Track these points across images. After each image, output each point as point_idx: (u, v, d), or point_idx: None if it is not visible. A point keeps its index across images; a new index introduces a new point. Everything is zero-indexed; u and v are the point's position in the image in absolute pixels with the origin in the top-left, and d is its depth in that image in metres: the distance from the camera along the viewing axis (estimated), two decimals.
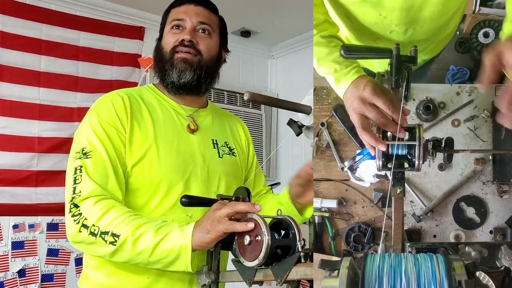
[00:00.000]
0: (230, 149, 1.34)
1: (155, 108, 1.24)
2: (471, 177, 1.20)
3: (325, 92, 1.24)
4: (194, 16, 1.25)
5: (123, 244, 1.00)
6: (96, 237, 1.02)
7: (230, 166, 1.31)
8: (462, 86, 1.23)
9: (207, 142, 1.28)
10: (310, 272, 0.89)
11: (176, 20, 1.26)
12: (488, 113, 1.20)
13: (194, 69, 1.23)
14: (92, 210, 1.04)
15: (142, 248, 1.00)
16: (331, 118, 1.23)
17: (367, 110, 0.90)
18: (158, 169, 1.15)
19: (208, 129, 1.31)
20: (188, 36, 1.23)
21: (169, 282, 1.14)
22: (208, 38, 1.27)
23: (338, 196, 1.22)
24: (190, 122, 1.27)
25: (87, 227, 1.03)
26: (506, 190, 1.19)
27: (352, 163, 1.17)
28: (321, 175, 1.23)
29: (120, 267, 1.13)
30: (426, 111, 1.19)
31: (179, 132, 1.24)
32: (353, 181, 1.21)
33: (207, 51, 1.26)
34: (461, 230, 1.19)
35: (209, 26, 1.27)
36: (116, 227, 1.01)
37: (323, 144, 1.23)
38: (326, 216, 1.21)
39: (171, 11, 1.29)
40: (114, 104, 1.17)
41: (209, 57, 1.26)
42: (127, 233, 1.00)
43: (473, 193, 1.20)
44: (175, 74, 1.22)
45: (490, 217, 1.19)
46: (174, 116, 1.26)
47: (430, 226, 1.20)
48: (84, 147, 1.11)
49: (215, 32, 1.30)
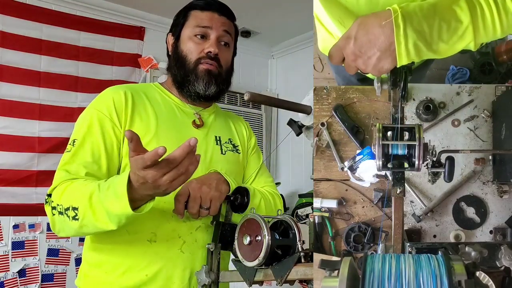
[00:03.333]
0: (234, 145, 1.35)
1: (159, 104, 1.26)
2: (471, 177, 1.20)
3: (325, 92, 1.25)
4: (220, 27, 1.27)
5: (84, 217, 1.01)
6: (63, 215, 1.04)
7: (233, 163, 1.32)
8: (462, 86, 1.23)
9: (210, 138, 1.29)
10: (310, 272, 0.89)
11: (201, 27, 1.26)
12: (488, 113, 1.20)
13: (218, 82, 1.26)
14: (57, 192, 1.07)
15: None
16: (331, 118, 1.23)
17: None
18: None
19: (212, 126, 1.33)
20: (216, 49, 1.24)
21: (167, 279, 1.15)
22: (227, 51, 1.30)
23: (338, 196, 1.23)
24: (196, 118, 1.29)
25: (55, 208, 1.06)
26: (506, 190, 1.19)
27: (352, 163, 1.17)
28: (321, 175, 1.23)
29: (119, 265, 1.14)
30: (426, 111, 1.19)
31: (182, 128, 1.25)
32: (353, 181, 1.21)
33: (226, 63, 1.30)
34: (461, 230, 1.19)
35: (230, 37, 1.30)
36: (74, 200, 1.02)
37: (323, 144, 1.23)
38: (326, 216, 1.22)
39: (193, 13, 1.29)
40: (114, 97, 1.18)
41: (227, 69, 1.30)
42: (84, 204, 1.00)
43: (473, 193, 1.20)
44: (201, 86, 1.24)
45: (490, 217, 1.19)
46: (178, 113, 1.27)
47: (430, 226, 1.20)
48: (75, 139, 1.14)
49: (232, 41, 1.33)
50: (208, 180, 1.14)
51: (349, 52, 0.84)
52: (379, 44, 0.81)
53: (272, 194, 1.35)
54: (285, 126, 1.41)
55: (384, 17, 0.81)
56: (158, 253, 1.15)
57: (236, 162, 1.34)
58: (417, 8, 0.82)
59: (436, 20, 0.81)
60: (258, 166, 1.44)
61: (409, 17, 0.80)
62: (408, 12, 0.81)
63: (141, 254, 1.15)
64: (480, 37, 0.85)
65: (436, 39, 0.82)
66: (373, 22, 0.81)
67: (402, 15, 0.80)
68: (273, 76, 4.03)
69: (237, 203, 1.13)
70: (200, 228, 1.19)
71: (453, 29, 0.83)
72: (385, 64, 0.82)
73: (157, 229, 1.15)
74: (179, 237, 1.17)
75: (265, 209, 1.26)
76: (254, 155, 1.43)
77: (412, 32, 0.80)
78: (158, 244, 1.15)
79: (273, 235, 0.93)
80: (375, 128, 0.91)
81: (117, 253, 1.16)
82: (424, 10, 0.81)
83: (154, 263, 1.14)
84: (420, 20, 0.81)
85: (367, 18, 0.83)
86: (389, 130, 0.86)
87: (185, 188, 1.11)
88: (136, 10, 3.22)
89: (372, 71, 0.84)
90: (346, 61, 0.86)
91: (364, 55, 0.82)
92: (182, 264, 1.16)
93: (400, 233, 0.87)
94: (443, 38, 0.83)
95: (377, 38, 0.81)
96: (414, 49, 0.81)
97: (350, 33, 0.84)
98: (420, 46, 0.81)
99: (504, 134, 1.13)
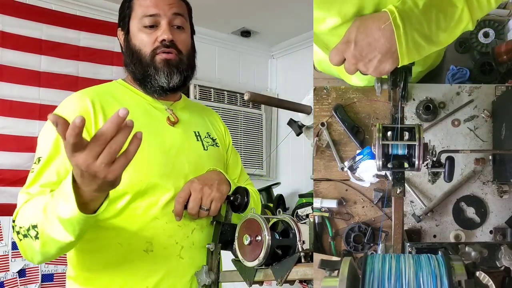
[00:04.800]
0: (213, 139, 1.29)
1: (129, 104, 1.15)
2: (471, 177, 1.20)
3: (325, 92, 1.24)
4: (168, 10, 1.16)
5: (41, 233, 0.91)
6: (27, 237, 0.93)
7: (216, 158, 1.27)
8: (462, 86, 1.23)
9: (189, 135, 1.23)
10: (310, 272, 0.89)
11: (149, 16, 1.15)
12: (488, 113, 1.20)
13: (180, 70, 1.17)
14: (19, 215, 0.98)
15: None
16: (331, 118, 1.23)
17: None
18: (142, 171, 1.08)
19: (188, 121, 1.26)
20: (169, 35, 1.14)
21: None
22: (183, 33, 1.20)
23: (338, 196, 1.22)
24: (169, 115, 1.21)
25: (19, 232, 0.96)
26: (506, 190, 1.19)
27: (352, 163, 1.17)
28: (321, 175, 1.23)
29: (113, 282, 1.09)
30: (426, 111, 1.19)
31: (160, 127, 1.18)
32: (353, 181, 1.21)
33: (185, 47, 1.20)
34: (461, 230, 1.19)
35: (183, 18, 1.20)
36: (32, 217, 0.93)
37: (323, 144, 1.23)
38: (326, 216, 1.21)
39: (136, 2, 1.18)
40: (78, 107, 1.08)
41: (187, 53, 1.21)
42: (40, 218, 0.90)
43: (473, 193, 1.20)
44: (163, 79, 1.15)
45: (490, 217, 1.19)
46: (151, 111, 1.20)
47: (430, 226, 1.20)
48: (40, 157, 1.05)
49: (187, 21, 1.22)
50: (209, 180, 1.12)
51: (349, 55, 0.84)
52: (379, 47, 0.81)
53: (255, 192, 1.34)
54: (285, 126, 1.40)
55: (382, 19, 0.81)
56: (157, 262, 1.10)
57: (218, 157, 1.28)
58: (412, 5, 0.81)
59: (433, 12, 0.81)
60: (237, 164, 1.39)
61: (407, 16, 0.80)
62: (405, 11, 0.81)
63: (138, 266, 1.09)
64: (476, 15, 0.85)
65: (435, 30, 0.82)
66: (372, 25, 0.82)
67: (400, 15, 0.80)
68: (273, 76, 4.02)
69: (237, 203, 1.13)
70: (196, 230, 1.15)
71: (450, 14, 0.83)
72: (386, 65, 0.83)
73: (152, 238, 1.10)
74: (176, 243, 1.12)
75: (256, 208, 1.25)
76: (232, 154, 1.38)
77: (412, 30, 0.80)
78: (156, 253, 1.10)
79: (273, 235, 0.93)
80: (375, 128, 0.91)
81: (110, 270, 1.10)
82: (420, 5, 0.81)
83: (154, 274, 1.10)
84: (418, 17, 0.81)
85: (365, 20, 0.83)
86: (389, 130, 0.86)
87: (186, 188, 1.10)
88: None
89: (373, 73, 0.84)
90: (347, 63, 0.86)
91: (365, 58, 0.83)
92: (183, 270, 1.13)
93: (400, 233, 0.87)
94: (441, 27, 0.83)
95: (377, 41, 0.81)
96: (415, 47, 0.81)
97: (350, 37, 0.83)
98: (421, 42, 0.81)
99: (504, 134, 1.13)
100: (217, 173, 1.16)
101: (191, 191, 1.09)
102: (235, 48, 3.67)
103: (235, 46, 3.68)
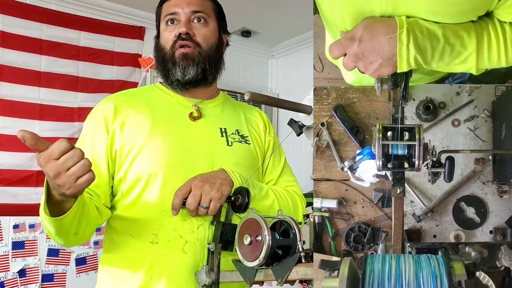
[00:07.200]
0: (243, 136, 1.29)
1: (158, 103, 1.24)
2: (471, 177, 1.20)
3: (325, 92, 1.25)
4: (186, 7, 1.22)
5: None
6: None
7: (241, 155, 1.26)
8: (462, 86, 1.23)
9: (212, 130, 1.25)
10: (310, 272, 0.89)
11: (169, 15, 1.23)
12: (488, 113, 1.20)
13: (196, 63, 1.21)
14: None
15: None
16: (331, 118, 1.23)
17: None
18: (154, 163, 1.14)
19: (216, 117, 1.28)
20: (184, 28, 1.20)
21: (171, 281, 1.13)
22: (204, 27, 1.24)
23: (338, 196, 1.23)
24: (193, 110, 1.25)
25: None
26: (506, 190, 1.19)
27: (352, 163, 1.17)
28: (321, 175, 1.23)
29: (126, 270, 1.14)
30: (426, 111, 1.19)
31: (180, 122, 1.22)
32: (353, 181, 1.21)
33: (205, 41, 1.23)
34: (461, 230, 1.19)
35: (204, 13, 1.24)
36: None
37: (323, 144, 1.23)
38: (326, 216, 1.22)
39: (163, 6, 1.27)
40: (103, 108, 1.20)
41: (208, 47, 1.24)
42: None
43: (473, 193, 1.20)
44: (178, 72, 1.21)
45: (490, 217, 1.19)
46: (177, 108, 1.25)
47: (430, 226, 1.20)
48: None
49: (211, 17, 1.27)
50: (212, 178, 1.12)
51: (351, 53, 0.84)
52: (382, 53, 0.81)
53: (292, 194, 1.31)
54: (286, 126, 1.40)
55: (391, 28, 0.81)
56: (160, 254, 1.12)
57: (245, 154, 1.27)
58: (424, 27, 0.82)
59: (440, 42, 0.82)
60: (277, 166, 1.38)
61: (414, 35, 0.81)
62: (413, 30, 0.81)
63: (144, 257, 1.13)
64: (483, 65, 0.86)
65: (437, 59, 0.84)
66: (380, 30, 0.81)
67: (407, 33, 0.80)
68: (273, 76, 4.03)
69: (237, 204, 1.13)
70: (202, 226, 1.15)
71: (456, 53, 0.84)
72: (386, 70, 0.84)
73: (158, 230, 1.13)
74: (181, 237, 1.13)
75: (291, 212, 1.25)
76: (274, 155, 1.37)
77: (414, 49, 0.81)
78: (160, 246, 1.13)
79: (273, 235, 0.93)
80: (375, 128, 0.91)
81: (126, 259, 1.15)
82: (431, 31, 0.82)
83: (157, 266, 1.12)
84: (424, 40, 0.81)
85: (374, 23, 0.83)
86: (389, 130, 0.86)
87: (187, 184, 1.10)
88: (136, 10, 3.22)
89: (371, 74, 0.85)
90: (347, 59, 0.86)
91: (366, 59, 0.83)
92: (185, 265, 1.13)
93: (400, 233, 0.87)
94: (444, 59, 0.84)
95: (382, 46, 0.81)
96: (415, 62, 0.82)
97: (355, 34, 0.83)
98: (420, 62, 0.83)
99: (504, 134, 1.13)
100: (224, 173, 1.16)
101: (192, 187, 1.09)
102: (235, 48, 3.67)
103: (236, 46, 3.68)
